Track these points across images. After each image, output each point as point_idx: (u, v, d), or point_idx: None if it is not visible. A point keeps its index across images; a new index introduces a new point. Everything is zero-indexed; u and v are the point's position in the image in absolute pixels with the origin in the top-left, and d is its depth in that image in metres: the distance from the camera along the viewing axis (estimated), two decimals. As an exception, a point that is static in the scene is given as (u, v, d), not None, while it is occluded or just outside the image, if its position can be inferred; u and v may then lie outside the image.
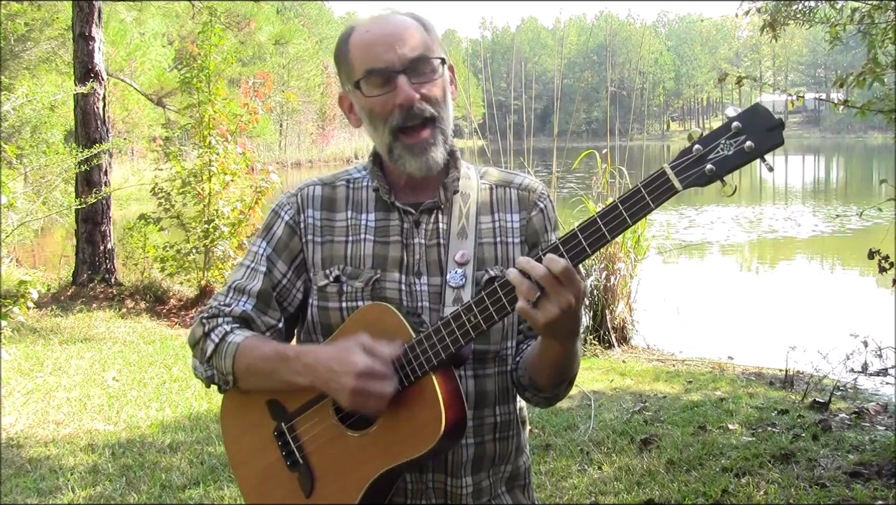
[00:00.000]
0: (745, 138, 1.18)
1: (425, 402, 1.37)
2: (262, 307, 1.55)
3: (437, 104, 1.47)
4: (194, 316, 1.61)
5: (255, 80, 10.47)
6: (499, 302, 1.33)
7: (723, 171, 1.20)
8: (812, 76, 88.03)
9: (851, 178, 31.13)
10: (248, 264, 1.57)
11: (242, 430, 1.58)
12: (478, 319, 1.34)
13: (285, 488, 1.51)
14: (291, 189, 1.62)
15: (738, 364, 6.37)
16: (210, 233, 8.01)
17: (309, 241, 1.55)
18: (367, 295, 1.50)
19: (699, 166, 1.20)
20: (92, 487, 3.74)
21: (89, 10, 8.71)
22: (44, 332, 7.12)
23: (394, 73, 1.44)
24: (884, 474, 3.55)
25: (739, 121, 1.19)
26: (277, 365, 1.46)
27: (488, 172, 1.62)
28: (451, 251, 1.51)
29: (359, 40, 1.48)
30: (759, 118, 1.18)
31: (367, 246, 1.52)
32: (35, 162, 8.88)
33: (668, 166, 1.22)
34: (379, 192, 1.54)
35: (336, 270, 1.52)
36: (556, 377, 1.45)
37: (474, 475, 1.52)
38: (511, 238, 1.55)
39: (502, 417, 1.55)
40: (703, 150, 1.20)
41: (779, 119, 1.17)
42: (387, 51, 1.44)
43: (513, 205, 1.57)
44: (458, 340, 1.35)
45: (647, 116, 64.28)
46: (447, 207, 1.54)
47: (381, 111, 1.46)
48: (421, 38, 1.48)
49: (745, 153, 1.18)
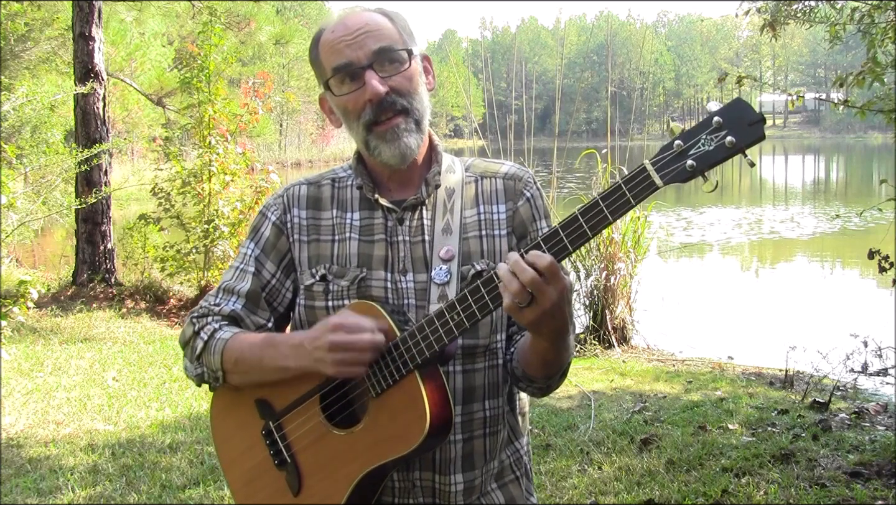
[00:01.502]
0: (725, 133, 1.17)
1: (410, 400, 1.37)
2: (252, 307, 1.56)
3: (407, 95, 1.47)
4: (186, 317, 1.61)
5: (255, 80, 10.48)
6: (482, 300, 1.32)
7: (703, 166, 1.18)
8: (812, 76, 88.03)
9: (851, 178, 31.12)
10: (238, 266, 1.58)
11: (231, 430, 1.59)
12: (461, 316, 1.34)
13: (273, 487, 1.52)
14: (277, 190, 1.63)
15: (738, 364, 6.37)
16: (210, 233, 8.01)
17: (296, 240, 1.56)
18: (352, 293, 1.50)
19: (680, 162, 1.19)
20: (92, 487, 3.74)
21: (89, 10, 8.72)
22: (44, 332, 7.12)
23: (360, 68, 1.44)
24: (884, 474, 3.55)
25: (720, 115, 1.17)
26: (266, 351, 1.47)
27: (474, 164, 1.62)
28: (436, 247, 1.50)
29: (325, 40, 1.49)
30: (740, 113, 1.17)
31: (353, 245, 1.53)
32: (35, 162, 8.87)
33: (648, 162, 1.21)
34: (363, 189, 1.55)
35: (322, 268, 1.53)
36: (546, 370, 1.45)
37: (465, 473, 1.51)
38: (497, 230, 1.54)
39: (491, 412, 1.54)
40: (684, 146, 1.19)
41: (760, 114, 1.16)
42: (350, 47, 1.45)
43: (498, 195, 1.56)
44: (442, 339, 1.35)
45: (647, 116, 64.23)
46: (430, 203, 1.54)
47: (354, 108, 1.47)
48: (386, 31, 1.47)
49: (725, 148, 1.17)
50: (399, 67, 1.47)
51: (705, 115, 1.19)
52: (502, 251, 1.53)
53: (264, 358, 1.47)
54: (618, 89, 50.72)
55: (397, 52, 1.47)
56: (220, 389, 1.59)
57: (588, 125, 69.15)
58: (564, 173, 11.04)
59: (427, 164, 1.57)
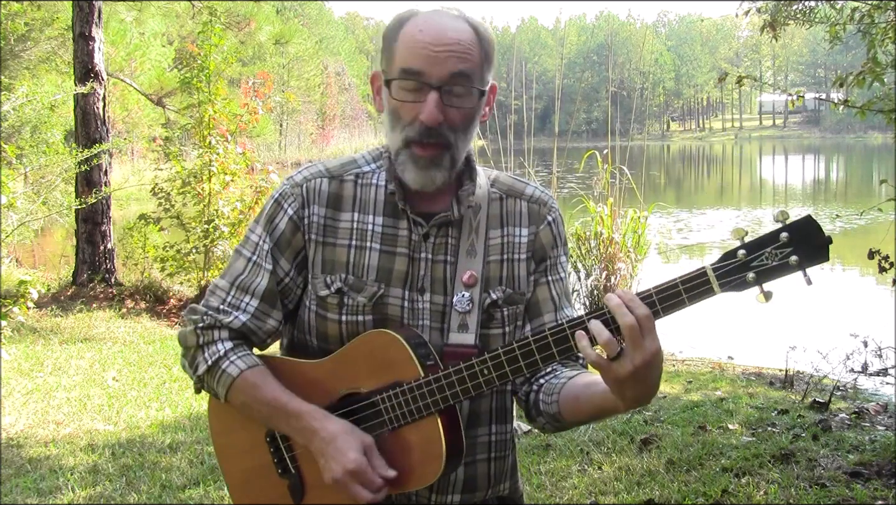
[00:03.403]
0: (791, 251, 1.16)
1: (427, 441, 1.37)
2: (267, 308, 1.48)
3: (458, 131, 1.40)
4: (184, 312, 1.55)
5: (255, 80, 10.46)
6: (515, 362, 1.30)
7: (763, 280, 1.18)
8: (812, 76, 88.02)
9: (851, 178, 31.10)
10: (250, 257, 1.49)
11: (232, 424, 1.56)
12: (492, 373, 1.32)
13: (274, 492, 1.51)
14: (295, 175, 1.52)
15: (738, 364, 6.37)
16: (210, 233, 8.01)
17: (311, 239, 1.48)
18: (368, 311, 1.45)
19: (741, 274, 1.19)
20: (92, 487, 3.73)
21: (89, 10, 8.71)
22: (44, 332, 7.11)
23: (428, 85, 1.36)
24: (884, 474, 3.55)
25: (788, 232, 1.16)
26: (276, 414, 1.44)
27: (499, 179, 1.55)
28: (459, 270, 1.46)
29: (409, 34, 1.39)
30: (808, 232, 1.15)
31: (373, 256, 1.46)
32: (35, 162, 8.87)
33: (710, 268, 1.20)
34: (394, 195, 1.47)
35: (338, 280, 1.46)
36: (589, 421, 1.42)
37: (464, 494, 1.50)
38: (518, 254, 1.50)
39: (497, 437, 1.52)
40: (747, 257, 1.18)
41: (828, 236, 1.14)
42: (431, 59, 1.36)
43: (522, 218, 1.52)
44: (469, 391, 1.34)
45: (647, 116, 64.23)
46: (458, 222, 1.48)
47: (404, 116, 1.40)
48: (471, 58, 1.39)
49: (788, 266, 1.16)
50: (464, 102, 1.39)
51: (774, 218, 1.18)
52: (521, 277, 1.50)
53: (273, 419, 1.46)
54: (618, 89, 50.66)
55: (470, 88, 1.39)
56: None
57: (588, 125, 69.17)
58: (564, 173, 11.04)
59: (458, 179, 1.50)
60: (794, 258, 1.15)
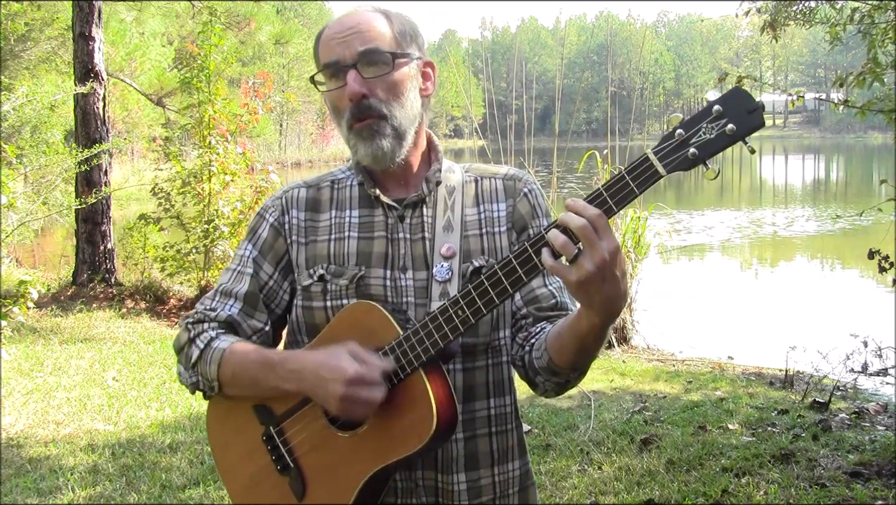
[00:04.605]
0: (726, 121, 1.18)
1: (416, 399, 1.35)
2: (249, 310, 1.53)
3: (386, 101, 1.45)
4: (179, 322, 1.58)
5: (255, 80, 10.49)
6: (486, 294, 1.30)
7: (705, 154, 1.19)
8: (812, 76, 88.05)
9: (851, 178, 31.12)
10: (235, 268, 1.56)
11: (229, 435, 1.57)
12: (465, 312, 1.32)
13: (276, 492, 1.50)
14: (276, 192, 1.62)
15: (738, 364, 6.37)
16: (210, 233, 8.01)
17: (293, 241, 1.54)
18: (351, 292, 1.48)
19: (682, 151, 1.20)
20: (92, 487, 3.74)
21: (89, 10, 8.71)
22: (44, 332, 7.12)
23: (344, 67, 1.44)
24: (884, 474, 3.55)
25: (720, 104, 1.19)
26: (263, 371, 1.44)
27: (473, 167, 1.61)
28: (437, 245, 1.49)
29: (323, 36, 1.49)
30: (739, 101, 1.18)
31: (352, 243, 1.51)
32: (35, 162, 8.87)
33: (651, 152, 1.21)
34: (364, 186, 1.53)
35: (320, 269, 1.50)
36: (579, 357, 1.37)
37: (468, 472, 1.49)
38: (497, 228, 1.53)
39: (497, 410, 1.53)
40: (686, 135, 1.20)
41: (759, 101, 1.17)
42: (340, 45, 1.44)
43: (498, 194, 1.55)
44: (447, 336, 1.33)
45: (647, 116, 64.21)
46: (431, 200, 1.52)
47: (338, 105, 1.47)
48: (376, 33, 1.46)
49: (726, 136, 1.18)
50: (381, 70, 1.45)
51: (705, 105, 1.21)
52: (502, 248, 1.52)
53: (261, 377, 1.44)
54: (618, 89, 50.74)
55: (381, 55, 1.45)
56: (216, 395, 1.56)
57: (588, 125, 69.23)
58: (564, 173, 11.04)
59: (426, 163, 1.56)
60: (730, 126, 1.18)
